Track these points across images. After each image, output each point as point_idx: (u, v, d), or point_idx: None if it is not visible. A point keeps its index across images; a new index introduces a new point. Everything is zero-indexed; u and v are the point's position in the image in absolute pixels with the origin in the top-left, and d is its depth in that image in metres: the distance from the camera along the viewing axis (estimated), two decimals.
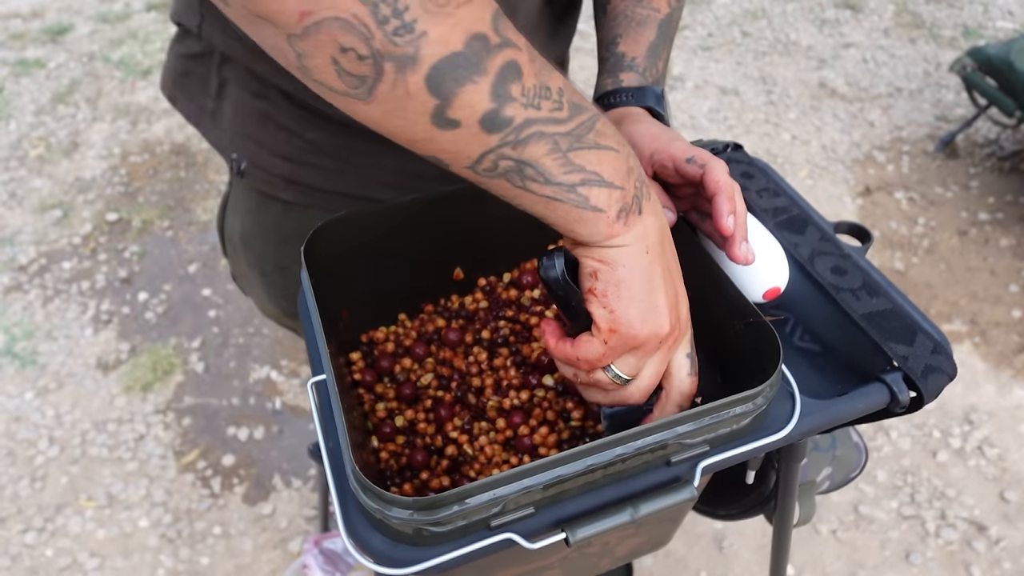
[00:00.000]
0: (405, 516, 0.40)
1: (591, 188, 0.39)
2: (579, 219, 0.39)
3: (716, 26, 2.75)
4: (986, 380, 1.62)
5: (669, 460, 0.45)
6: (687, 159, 0.51)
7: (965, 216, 2.00)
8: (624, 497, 0.44)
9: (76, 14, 2.90)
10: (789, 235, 0.59)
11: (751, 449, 0.46)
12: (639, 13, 0.62)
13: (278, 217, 0.71)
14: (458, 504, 0.40)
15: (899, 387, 0.49)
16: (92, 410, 1.59)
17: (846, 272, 0.56)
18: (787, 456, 0.62)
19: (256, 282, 0.80)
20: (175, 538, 1.39)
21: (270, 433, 1.56)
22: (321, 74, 0.33)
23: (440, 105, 0.34)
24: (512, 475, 0.40)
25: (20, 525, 1.41)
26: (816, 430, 0.49)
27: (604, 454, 0.42)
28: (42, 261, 1.93)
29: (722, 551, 1.35)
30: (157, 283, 1.87)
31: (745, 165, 0.65)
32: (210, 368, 1.68)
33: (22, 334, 1.75)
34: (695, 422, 0.44)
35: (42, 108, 2.44)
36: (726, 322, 0.51)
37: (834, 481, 0.71)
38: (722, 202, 0.49)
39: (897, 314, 0.53)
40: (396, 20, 0.31)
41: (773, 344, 0.46)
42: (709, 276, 0.52)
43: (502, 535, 0.42)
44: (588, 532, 0.42)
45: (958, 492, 1.43)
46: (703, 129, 2.30)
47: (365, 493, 0.41)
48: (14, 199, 2.11)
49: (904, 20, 2.75)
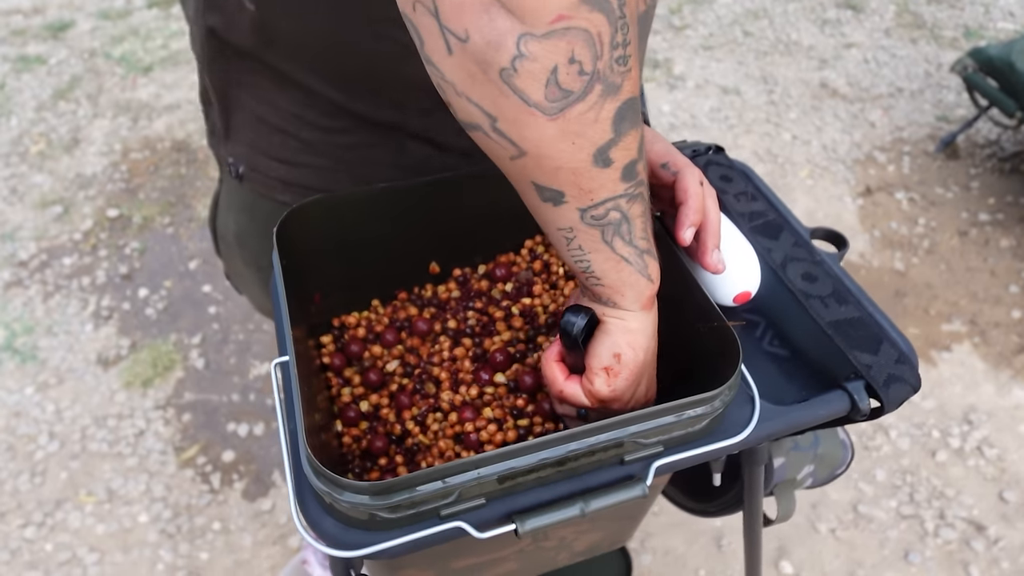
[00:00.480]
0: (356, 501, 0.40)
1: (650, 259, 0.41)
2: (634, 285, 0.41)
3: (717, 25, 2.75)
4: (985, 380, 1.62)
5: (623, 459, 0.45)
6: (662, 164, 0.51)
7: (965, 216, 2.00)
8: (576, 492, 0.45)
9: (77, 10, 2.89)
10: (764, 240, 0.59)
11: (707, 452, 0.46)
12: None
13: (273, 214, 0.71)
14: (409, 491, 0.40)
15: (860, 395, 0.49)
16: (92, 406, 1.59)
17: (817, 279, 0.56)
18: (748, 459, 0.62)
19: (252, 279, 0.80)
20: (174, 533, 1.39)
21: (270, 429, 1.56)
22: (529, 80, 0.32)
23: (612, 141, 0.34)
24: (465, 464, 0.41)
25: (20, 520, 1.41)
26: (775, 435, 0.49)
27: (557, 448, 0.42)
28: (43, 257, 1.93)
29: (721, 549, 1.36)
30: (158, 279, 1.87)
31: (725, 168, 0.65)
32: (210, 364, 1.68)
33: (22, 329, 1.75)
34: (649, 422, 0.44)
35: (43, 104, 2.44)
36: (692, 324, 0.51)
37: (817, 478, 0.71)
38: (686, 213, 0.49)
39: (864, 323, 0.53)
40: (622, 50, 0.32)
41: (734, 348, 0.46)
42: (679, 278, 0.52)
43: (452, 523, 0.42)
44: (537, 524, 0.43)
45: (957, 492, 1.44)
46: (703, 128, 2.30)
47: (318, 477, 0.41)
48: (15, 195, 2.12)
49: (905, 20, 2.75)
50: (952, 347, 1.69)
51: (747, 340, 0.56)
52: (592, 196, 0.36)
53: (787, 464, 0.69)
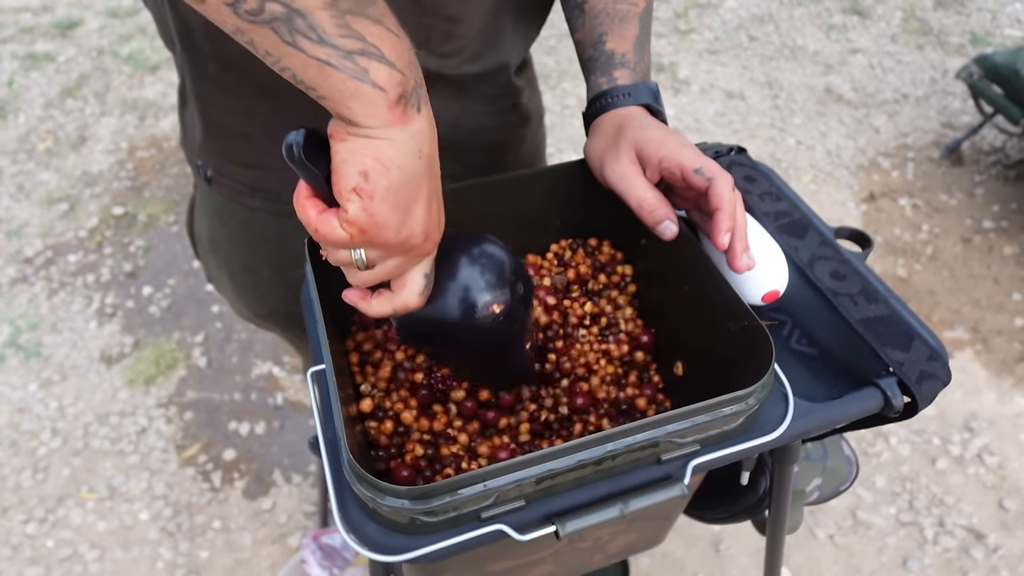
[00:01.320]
0: (398, 505, 0.40)
1: (371, 61, 0.35)
2: (355, 93, 0.36)
3: (723, 30, 2.75)
4: (987, 388, 1.62)
5: (660, 458, 0.45)
6: (695, 169, 0.51)
7: (969, 223, 2.00)
8: (615, 493, 0.45)
9: (86, 8, 2.91)
10: (790, 239, 0.59)
11: (743, 449, 0.47)
12: (620, 9, 0.62)
13: (244, 219, 0.71)
14: (450, 495, 0.40)
15: (893, 392, 0.49)
16: (95, 403, 1.60)
17: (845, 277, 0.57)
18: (780, 459, 0.62)
19: (226, 284, 0.80)
20: (175, 531, 1.40)
21: (271, 428, 1.56)
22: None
23: None
24: (504, 467, 0.41)
25: (22, 516, 1.42)
26: (809, 432, 0.49)
27: (594, 450, 0.43)
28: (48, 254, 1.94)
29: (719, 554, 1.36)
30: (162, 277, 1.88)
31: (748, 169, 0.65)
32: (212, 363, 1.68)
33: (27, 326, 1.76)
34: (686, 421, 0.44)
35: (51, 102, 2.45)
36: (722, 323, 0.51)
37: (823, 492, 0.71)
38: (722, 219, 0.50)
39: (894, 320, 0.53)
40: None
41: (766, 346, 0.46)
42: (707, 277, 0.53)
43: (493, 526, 0.42)
44: (578, 526, 0.43)
45: (957, 499, 1.43)
46: (708, 133, 2.30)
47: (360, 482, 0.41)
48: (22, 192, 2.13)
49: (911, 27, 2.74)
50: (954, 354, 1.69)
51: (775, 339, 0.56)
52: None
53: (799, 473, 0.69)
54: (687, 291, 0.56)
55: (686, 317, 0.57)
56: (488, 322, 0.45)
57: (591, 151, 0.58)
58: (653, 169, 0.54)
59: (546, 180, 0.61)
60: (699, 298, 0.54)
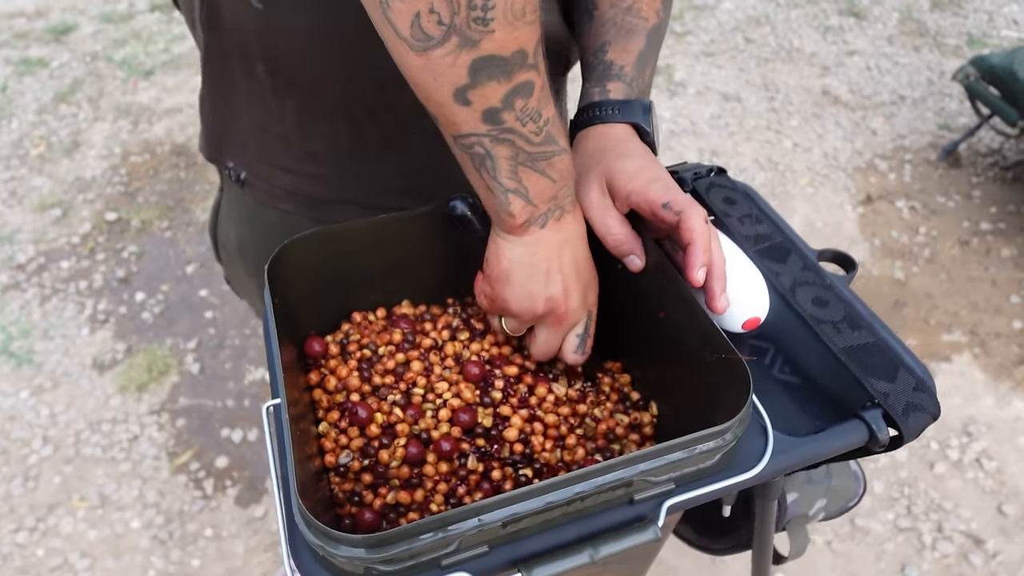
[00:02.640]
0: (352, 555, 0.38)
1: (516, 197, 0.48)
2: (498, 214, 0.50)
3: (719, 32, 2.75)
4: (985, 392, 1.61)
5: (632, 498, 0.43)
6: (663, 204, 0.50)
7: (967, 226, 1.99)
8: (584, 536, 0.43)
9: (80, 14, 2.90)
10: (771, 263, 0.57)
11: (720, 488, 0.44)
12: (628, 21, 0.61)
13: (274, 225, 0.71)
14: (407, 543, 0.38)
15: (878, 425, 0.47)
16: (87, 410, 1.59)
17: (828, 304, 0.54)
18: (761, 494, 0.60)
19: (253, 290, 0.79)
20: (166, 539, 1.38)
21: (264, 435, 1.55)
22: (399, 17, 0.41)
23: (467, 85, 0.42)
24: (466, 511, 0.39)
25: (12, 524, 1.41)
26: (790, 468, 0.47)
27: (563, 491, 0.40)
28: (40, 260, 1.93)
29: (714, 563, 1.34)
30: (155, 283, 1.87)
31: (728, 190, 0.63)
32: (205, 369, 1.67)
33: (19, 332, 1.75)
34: (659, 459, 0.42)
35: (44, 107, 2.44)
36: (698, 353, 0.49)
37: (829, 511, 0.69)
38: (695, 253, 0.49)
39: (879, 348, 0.51)
40: (480, 12, 0.40)
41: (744, 378, 0.44)
42: (681, 304, 0.51)
43: (454, 574, 0.40)
44: (546, 573, 0.41)
45: (955, 505, 1.42)
46: (704, 135, 2.29)
47: (310, 529, 0.39)
48: (14, 197, 2.12)
49: (908, 28, 2.74)
50: (952, 358, 1.68)
51: (757, 367, 0.54)
52: (457, 128, 0.45)
53: (800, 499, 0.66)
54: (662, 318, 0.54)
55: (661, 345, 0.55)
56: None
57: None
58: (622, 202, 0.53)
59: None
60: (675, 325, 0.53)
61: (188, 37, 2.75)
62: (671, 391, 0.55)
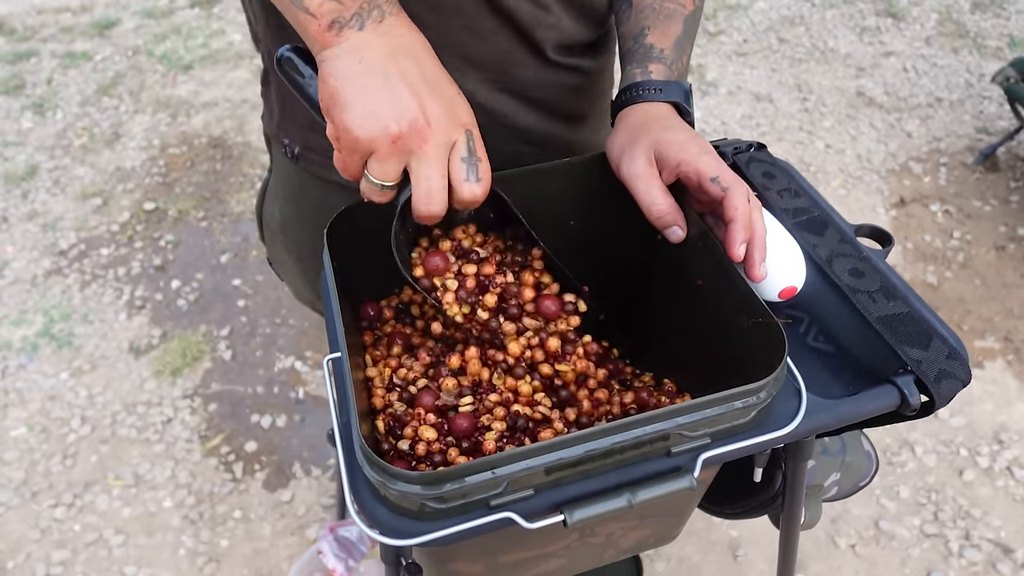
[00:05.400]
0: (408, 490, 0.41)
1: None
2: (296, 20, 0.44)
3: (752, 32, 2.73)
4: (1018, 399, 1.58)
5: (670, 451, 0.45)
6: (712, 178, 0.52)
7: (1004, 231, 1.95)
8: (623, 483, 0.45)
9: (123, 9, 2.98)
10: (808, 236, 0.59)
11: (754, 444, 0.46)
12: (666, 7, 0.62)
13: (316, 203, 0.73)
14: (459, 481, 0.41)
15: (910, 390, 0.49)
16: (123, 392, 1.64)
17: (864, 275, 0.56)
18: (793, 454, 0.62)
19: (292, 268, 0.82)
20: (197, 520, 1.42)
21: (292, 422, 1.58)
22: None
23: None
24: (512, 455, 0.41)
25: (51, 500, 1.46)
26: (823, 429, 0.49)
27: (602, 440, 0.43)
28: (81, 247, 1.99)
29: (736, 560, 1.34)
30: (190, 271, 1.92)
31: (767, 165, 0.65)
32: (237, 356, 1.71)
33: (60, 316, 1.81)
34: (695, 413, 0.44)
35: (87, 99, 2.52)
36: (735, 318, 0.51)
37: (842, 488, 0.70)
38: (737, 230, 0.50)
39: (913, 318, 0.52)
40: None
41: (779, 341, 0.46)
42: (721, 272, 0.52)
43: (502, 514, 0.43)
44: (585, 514, 0.43)
45: (984, 512, 1.40)
46: (734, 135, 2.28)
47: (371, 466, 0.42)
48: (58, 186, 2.19)
49: (947, 29, 2.69)
50: (984, 364, 1.65)
51: (791, 336, 0.56)
52: None
53: (816, 468, 0.68)
54: (700, 285, 0.56)
55: (696, 314, 0.57)
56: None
57: (611, 145, 0.58)
58: (670, 171, 0.54)
59: (563, 173, 0.61)
60: (713, 292, 0.54)
61: (226, 33, 2.81)
62: (705, 348, 0.56)
